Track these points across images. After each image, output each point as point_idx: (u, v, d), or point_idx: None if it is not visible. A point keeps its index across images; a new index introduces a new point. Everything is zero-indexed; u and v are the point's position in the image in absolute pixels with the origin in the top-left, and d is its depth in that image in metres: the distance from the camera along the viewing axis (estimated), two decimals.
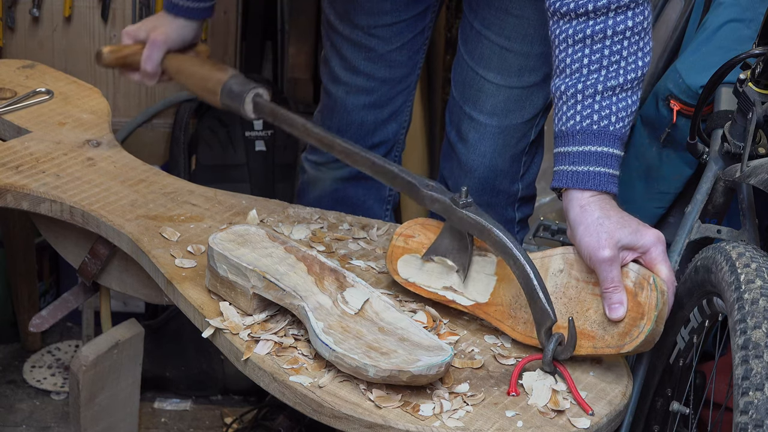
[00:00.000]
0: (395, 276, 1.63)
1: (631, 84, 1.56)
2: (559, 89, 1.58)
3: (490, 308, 1.58)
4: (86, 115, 2.03)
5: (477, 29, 1.93)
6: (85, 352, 1.88)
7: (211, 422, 2.47)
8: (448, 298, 1.60)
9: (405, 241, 1.66)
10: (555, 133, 1.59)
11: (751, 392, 1.27)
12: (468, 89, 1.97)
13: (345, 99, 2.08)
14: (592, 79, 1.55)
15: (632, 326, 1.48)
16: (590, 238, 1.50)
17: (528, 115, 1.96)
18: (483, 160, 1.98)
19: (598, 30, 1.55)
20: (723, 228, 1.78)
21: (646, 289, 1.49)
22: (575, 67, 1.56)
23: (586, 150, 1.55)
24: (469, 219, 1.55)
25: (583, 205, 1.54)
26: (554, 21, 1.60)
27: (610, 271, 1.49)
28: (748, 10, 2.09)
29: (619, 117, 1.55)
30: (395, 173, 1.62)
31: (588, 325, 1.52)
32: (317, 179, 2.18)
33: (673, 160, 2.12)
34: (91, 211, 1.76)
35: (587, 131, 1.55)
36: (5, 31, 2.67)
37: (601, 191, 1.54)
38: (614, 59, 1.55)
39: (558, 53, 1.59)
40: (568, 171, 1.56)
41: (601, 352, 1.50)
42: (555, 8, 1.58)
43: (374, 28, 2.00)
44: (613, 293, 1.49)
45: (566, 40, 1.57)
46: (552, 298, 1.53)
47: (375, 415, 1.40)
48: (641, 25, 1.56)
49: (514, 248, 1.50)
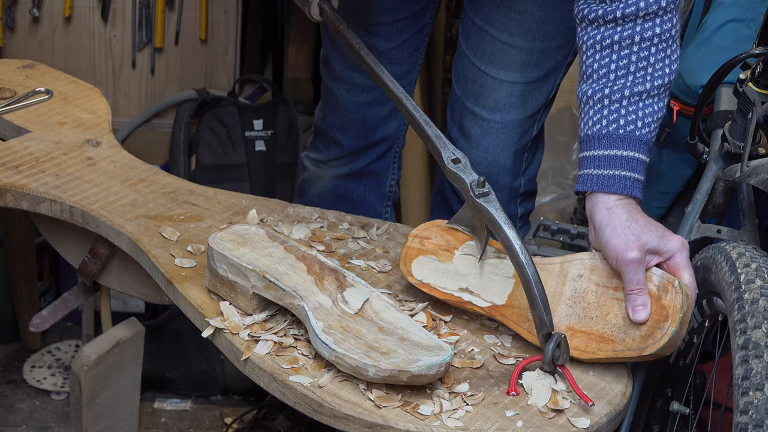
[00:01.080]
0: (409, 277, 1.62)
1: (657, 90, 1.57)
2: (585, 94, 1.59)
3: (507, 311, 1.57)
4: (86, 115, 2.03)
5: (479, 25, 1.93)
6: (86, 351, 1.88)
7: (211, 422, 2.47)
8: (464, 299, 1.59)
9: (421, 242, 1.66)
10: (581, 138, 1.59)
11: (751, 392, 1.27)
12: (470, 85, 1.97)
13: (346, 97, 2.08)
14: (619, 84, 1.56)
15: (655, 328, 1.48)
16: (618, 240, 1.50)
17: (530, 111, 1.96)
18: (486, 155, 1.98)
19: (626, 36, 1.56)
20: (723, 228, 1.78)
21: (670, 292, 1.49)
22: (602, 72, 1.57)
23: (612, 154, 1.56)
24: (482, 210, 1.56)
25: (610, 207, 1.54)
26: (582, 27, 1.61)
27: (636, 273, 1.49)
28: (748, 10, 2.09)
29: (645, 122, 1.56)
30: (428, 135, 1.63)
31: (608, 329, 1.51)
32: (317, 176, 2.18)
33: (673, 160, 2.13)
34: (91, 210, 1.76)
35: (613, 135, 1.56)
36: (5, 31, 2.67)
37: (626, 195, 1.55)
38: (642, 65, 1.56)
39: (585, 59, 1.60)
40: (594, 174, 1.56)
41: (622, 355, 1.49)
42: (583, 14, 1.59)
43: (374, 26, 2.00)
44: (638, 295, 1.49)
45: (594, 46, 1.58)
46: (571, 302, 1.54)
47: (375, 415, 1.40)
48: (669, 32, 1.57)
49: (520, 253, 1.50)
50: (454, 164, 1.60)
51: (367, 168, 2.15)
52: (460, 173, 1.59)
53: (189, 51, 2.77)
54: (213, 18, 2.76)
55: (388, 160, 2.17)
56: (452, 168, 1.60)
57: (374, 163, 2.15)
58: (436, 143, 1.62)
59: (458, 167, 1.60)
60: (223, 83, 2.81)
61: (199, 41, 2.76)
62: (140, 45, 2.74)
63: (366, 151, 2.13)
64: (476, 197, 1.56)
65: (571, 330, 1.52)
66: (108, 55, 2.74)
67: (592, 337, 1.51)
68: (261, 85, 2.84)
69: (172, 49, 2.76)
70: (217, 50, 2.78)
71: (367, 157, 2.14)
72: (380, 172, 2.17)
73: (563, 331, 1.52)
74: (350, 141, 2.11)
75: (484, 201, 1.56)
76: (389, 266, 1.71)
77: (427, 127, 1.64)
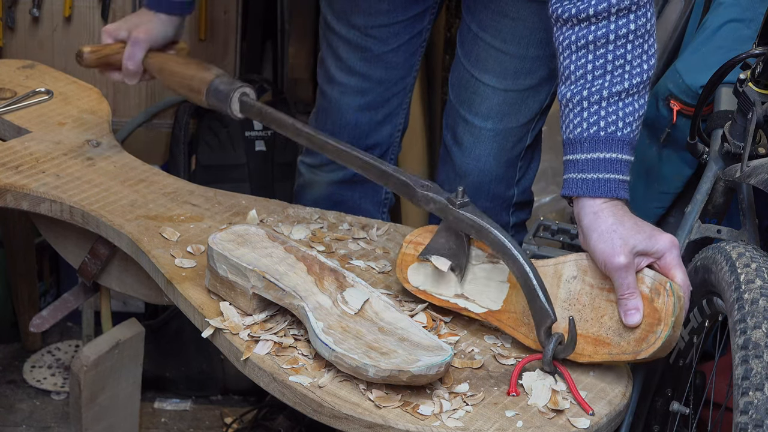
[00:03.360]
0: (405, 284, 1.62)
1: (637, 88, 1.55)
2: (565, 96, 1.57)
3: (503, 315, 1.57)
4: (86, 115, 2.03)
5: (474, 31, 1.93)
6: (86, 352, 1.89)
7: (211, 422, 2.48)
8: (460, 305, 1.59)
9: (415, 248, 1.65)
10: (563, 141, 1.58)
11: (751, 392, 1.27)
12: (464, 92, 1.96)
13: (339, 100, 2.07)
14: (597, 85, 1.55)
15: (649, 332, 1.47)
16: (604, 245, 1.49)
17: (524, 119, 1.95)
18: (477, 164, 1.97)
19: (601, 35, 1.54)
20: (723, 228, 1.78)
21: (662, 294, 1.48)
22: (579, 73, 1.56)
23: (594, 157, 1.54)
24: (466, 219, 1.55)
25: (596, 211, 1.52)
26: (557, 27, 1.59)
27: (625, 278, 1.48)
28: (748, 10, 2.09)
29: (626, 122, 1.54)
30: (389, 173, 1.62)
31: (603, 332, 1.51)
32: (312, 182, 2.17)
33: (673, 160, 2.12)
34: (91, 211, 1.76)
35: (595, 138, 1.54)
36: (5, 31, 2.67)
37: (612, 197, 1.53)
38: (618, 63, 1.54)
39: (562, 60, 1.58)
40: (578, 179, 1.55)
41: (617, 358, 1.49)
42: (557, 14, 1.58)
43: (371, 29, 2.00)
44: (629, 299, 1.48)
45: (569, 47, 1.57)
46: (566, 305, 1.53)
47: (375, 415, 1.40)
48: (644, 27, 1.55)
49: (512, 247, 1.50)
50: (423, 189, 1.59)
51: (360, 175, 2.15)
52: (434, 194, 1.58)
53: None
54: (213, 18, 2.76)
55: None
56: (423, 192, 1.58)
57: None
58: (401, 176, 1.60)
59: (432, 189, 1.58)
60: None
61: (199, 41, 2.76)
62: None
63: None
64: (459, 207, 1.55)
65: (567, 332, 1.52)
66: None
67: (588, 339, 1.51)
68: (261, 85, 2.84)
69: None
70: (217, 50, 2.78)
71: None
72: None
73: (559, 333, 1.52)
74: None
75: (467, 211, 1.55)
76: (389, 267, 1.71)
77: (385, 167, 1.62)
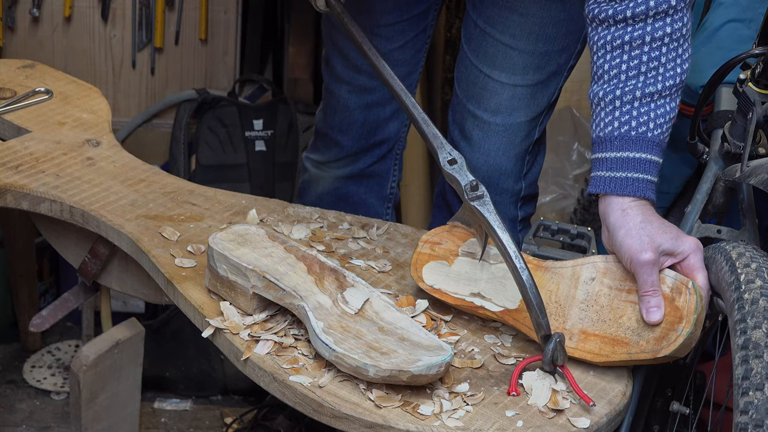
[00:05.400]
0: (420, 283, 1.62)
1: (669, 90, 1.56)
2: (597, 95, 1.58)
3: (520, 315, 1.56)
4: (86, 115, 2.03)
5: (481, 27, 1.93)
6: (85, 351, 1.88)
7: (211, 422, 2.47)
8: (476, 304, 1.59)
9: (431, 248, 1.65)
10: (593, 139, 1.59)
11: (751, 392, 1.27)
12: (472, 87, 1.97)
13: (347, 98, 2.08)
14: (631, 85, 1.55)
15: (669, 330, 1.47)
16: (632, 241, 1.50)
17: (532, 114, 1.96)
18: (487, 158, 1.98)
19: (637, 36, 1.55)
20: (723, 228, 1.78)
21: (684, 293, 1.48)
22: (613, 73, 1.57)
23: (624, 156, 1.55)
24: (476, 212, 1.56)
25: (624, 209, 1.54)
26: (593, 27, 1.60)
27: (650, 275, 1.49)
28: (748, 10, 2.09)
29: (657, 123, 1.55)
30: (426, 134, 1.63)
31: (621, 331, 1.51)
32: (318, 178, 2.18)
33: (673, 160, 2.12)
34: (91, 210, 1.76)
35: (626, 137, 1.55)
36: (5, 31, 2.67)
37: (639, 197, 1.54)
38: (653, 65, 1.55)
39: (596, 59, 1.59)
40: (606, 177, 1.56)
41: (636, 357, 1.49)
42: (594, 15, 1.59)
43: (376, 27, 2.00)
44: (652, 297, 1.49)
45: (604, 47, 1.58)
46: (583, 306, 1.54)
47: (375, 415, 1.40)
48: (680, 31, 1.56)
49: (514, 256, 1.50)
50: (450, 165, 1.60)
51: (367, 170, 2.15)
52: (455, 174, 1.59)
53: (189, 51, 2.77)
54: (213, 18, 2.76)
55: (388, 162, 2.17)
56: (448, 169, 1.60)
57: (375, 164, 2.15)
58: (434, 143, 1.62)
59: (454, 168, 1.60)
60: (223, 83, 2.81)
61: (199, 41, 2.76)
62: (140, 45, 2.74)
63: (366, 152, 2.13)
64: (470, 200, 1.56)
65: (585, 333, 1.52)
66: (108, 55, 2.74)
67: (605, 340, 1.51)
68: (261, 85, 2.84)
69: (172, 49, 2.76)
70: (217, 50, 2.78)
71: (367, 159, 2.14)
72: (381, 174, 2.17)
73: (576, 334, 1.52)
74: (351, 142, 2.11)
75: (478, 204, 1.56)
76: (389, 266, 1.71)
77: (426, 126, 1.64)
